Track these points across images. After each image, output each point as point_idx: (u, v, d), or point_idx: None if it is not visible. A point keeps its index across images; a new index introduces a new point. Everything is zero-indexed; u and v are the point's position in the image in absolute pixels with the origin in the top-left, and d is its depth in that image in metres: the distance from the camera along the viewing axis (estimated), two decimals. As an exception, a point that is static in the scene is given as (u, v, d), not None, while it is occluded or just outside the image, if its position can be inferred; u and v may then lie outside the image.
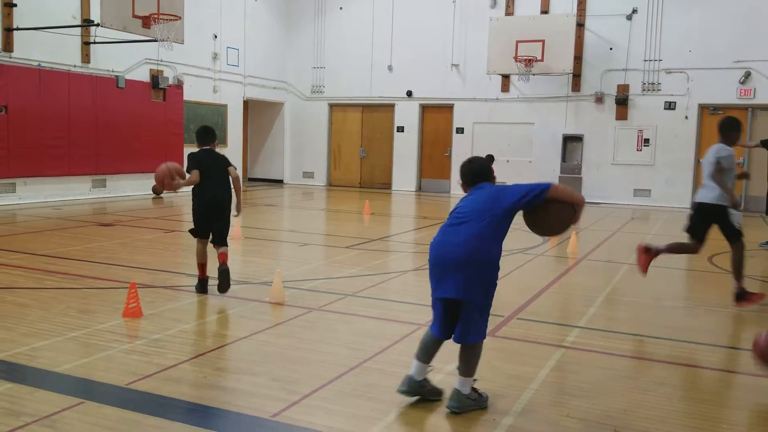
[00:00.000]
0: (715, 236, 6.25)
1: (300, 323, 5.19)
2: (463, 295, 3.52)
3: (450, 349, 3.65)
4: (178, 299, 5.96)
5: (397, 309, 5.76)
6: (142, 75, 15.70)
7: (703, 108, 16.48)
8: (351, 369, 4.18)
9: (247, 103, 19.92)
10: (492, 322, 5.36)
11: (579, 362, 4.50)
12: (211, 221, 6.00)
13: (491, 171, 3.90)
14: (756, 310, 6.16)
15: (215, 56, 17.93)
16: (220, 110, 18.36)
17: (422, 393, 3.69)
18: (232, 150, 19.04)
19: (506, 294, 6.61)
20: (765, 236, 10.59)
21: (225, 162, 6.11)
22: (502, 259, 3.61)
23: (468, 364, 3.61)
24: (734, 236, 6.15)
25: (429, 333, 3.74)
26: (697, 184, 16.64)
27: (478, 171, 3.84)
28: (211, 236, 6.04)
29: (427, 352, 3.71)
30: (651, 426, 3.48)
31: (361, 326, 5.21)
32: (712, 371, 4.49)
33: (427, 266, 3.69)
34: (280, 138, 21.18)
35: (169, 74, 16.35)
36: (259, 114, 21.16)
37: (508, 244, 3.84)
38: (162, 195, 15.58)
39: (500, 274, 3.64)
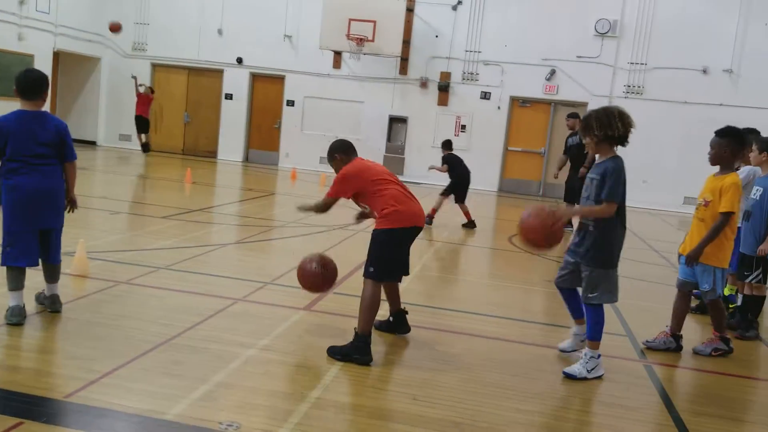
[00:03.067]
0: (513, 218, 6.85)
1: (104, 297, 4.90)
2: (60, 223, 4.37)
3: (265, 325, 3.65)
4: (-39, 270, 5.33)
5: (213, 283, 5.64)
6: (-74, 11, 13.63)
7: (513, 100, 17.86)
8: (158, 345, 4.04)
9: (57, 55, 18.07)
10: (308, 297, 5.47)
11: (389, 336, 4.73)
12: None
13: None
14: (547, 287, 6.89)
15: (22, 0, 16.03)
16: (26, 61, 16.47)
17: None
18: (37, 105, 17.24)
19: (324, 269, 6.75)
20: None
21: None
22: (325, 234, 3.69)
23: (58, 276, 4.45)
24: None
25: (17, 267, 4.14)
26: (504, 170, 18.07)
27: (42, 81, 4.13)
28: None
29: (21, 281, 4.18)
30: (447, 395, 3.77)
31: (173, 301, 5.04)
32: (505, 342, 4.94)
33: (254, 237, 3.66)
34: (95, 96, 19.53)
35: (-39, 13, 14.36)
36: (72, 68, 19.32)
37: (328, 219, 3.91)
38: None
39: (321, 249, 3.70)
